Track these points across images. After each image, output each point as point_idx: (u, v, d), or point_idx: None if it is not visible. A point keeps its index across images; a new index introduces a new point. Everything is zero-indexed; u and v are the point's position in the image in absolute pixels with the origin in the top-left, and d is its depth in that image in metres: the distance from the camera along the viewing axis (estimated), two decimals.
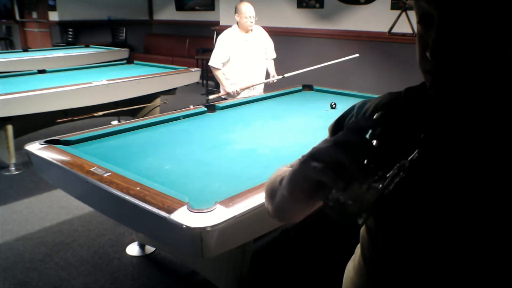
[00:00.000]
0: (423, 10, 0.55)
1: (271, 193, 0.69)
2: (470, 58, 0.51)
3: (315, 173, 0.50)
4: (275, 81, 3.86)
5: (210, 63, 3.64)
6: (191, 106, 2.75)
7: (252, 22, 3.57)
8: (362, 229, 0.77)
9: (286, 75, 3.82)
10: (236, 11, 3.61)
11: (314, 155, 0.51)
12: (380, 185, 0.46)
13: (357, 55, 3.86)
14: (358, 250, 0.81)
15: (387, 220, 0.66)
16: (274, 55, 3.88)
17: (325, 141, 0.51)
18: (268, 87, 4.03)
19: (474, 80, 0.53)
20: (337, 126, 0.74)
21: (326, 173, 0.48)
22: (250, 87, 3.71)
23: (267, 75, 3.89)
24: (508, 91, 0.55)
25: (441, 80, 0.54)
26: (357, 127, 0.49)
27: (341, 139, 0.49)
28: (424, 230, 0.61)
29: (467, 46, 0.51)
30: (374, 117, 0.50)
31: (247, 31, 3.63)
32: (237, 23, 3.63)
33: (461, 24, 0.51)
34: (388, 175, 0.47)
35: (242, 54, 3.63)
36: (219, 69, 3.63)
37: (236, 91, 3.64)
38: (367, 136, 0.48)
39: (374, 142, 0.47)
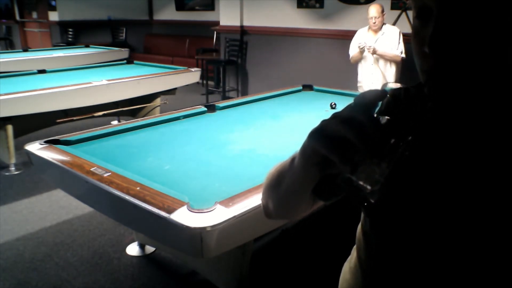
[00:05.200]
0: (421, 4, 0.54)
1: (277, 180, 0.66)
2: (468, 51, 0.51)
3: (323, 149, 0.49)
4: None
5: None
6: None
7: (374, 23, 3.77)
8: (358, 231, 0.77)
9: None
10: None
11: (322, 130, 0.50)
12: (388, 163, 0.46)
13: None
14: (354, 251, 0.81)
15: (381, 222, 0.66)
16: (394, 52, 3.80)
17: (333, 115, 0.50)
18: (268, 87, 4.03)
19: (471, 74, 0.52)
20: None
21: (333, 151, 0.47)
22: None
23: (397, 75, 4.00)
24: (504, 87, 0.55)
25: (438, 73, 0.53)
26: (364, 102, 0.48)
27: (349, 115, 0.47)
28: (418, 233, 0.61)
29: (466, 38, 0.51)
30: (381, 92, 0.48)
31: (374, 31, 3.84)
32: None
33: (459, 16, 0.50)
34: (394, 152, 0.46)
35: (366, 53, 3.85)
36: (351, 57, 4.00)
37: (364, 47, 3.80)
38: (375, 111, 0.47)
39: (381, 119, 0.46)
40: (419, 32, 0.56)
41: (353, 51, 3.97)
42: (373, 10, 3.75)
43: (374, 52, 3.75)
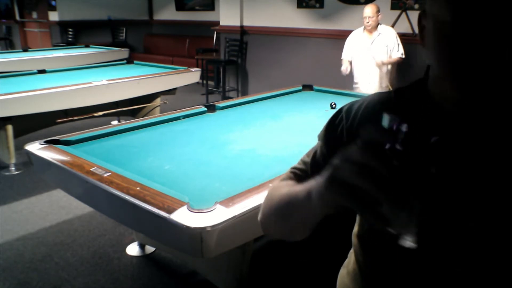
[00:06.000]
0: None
1: (287, 212, 0.66)
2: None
3: (344, 200, 0.47)
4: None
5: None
6: None
7: (368, 22, 3.75)
8: (353, 236, 0.76)
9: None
10: None
11: (339, 180, 0.47)
12: (417, 199, 0.44)
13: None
14: (351, 255, 0.80)
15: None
16: (397, 55, 3.80)
17: (343, 158, 0.47)
18: (268, 87, 4.02)
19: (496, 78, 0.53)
20: (328, 134, 0.73)
21: (364, 210, 0.46)
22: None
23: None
24: None
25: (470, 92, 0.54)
26: (373, 142, 0.45)
27: (363, 163, 0.44)
28: (420, 236, 0.60)
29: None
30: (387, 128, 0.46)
31: (369, 31, 3.81)
32: None
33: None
34: (420, 184, 0.45)
35: (363, 53, 3.83)
36: (344, 60, 4.02)
37: (346, 68, 3.95)
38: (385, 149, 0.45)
39: (393, 159, 0.44)
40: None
41: (345, 55, 3.95)
42: (368, 9, 3.72)
43: (382, 64, 3.74)
